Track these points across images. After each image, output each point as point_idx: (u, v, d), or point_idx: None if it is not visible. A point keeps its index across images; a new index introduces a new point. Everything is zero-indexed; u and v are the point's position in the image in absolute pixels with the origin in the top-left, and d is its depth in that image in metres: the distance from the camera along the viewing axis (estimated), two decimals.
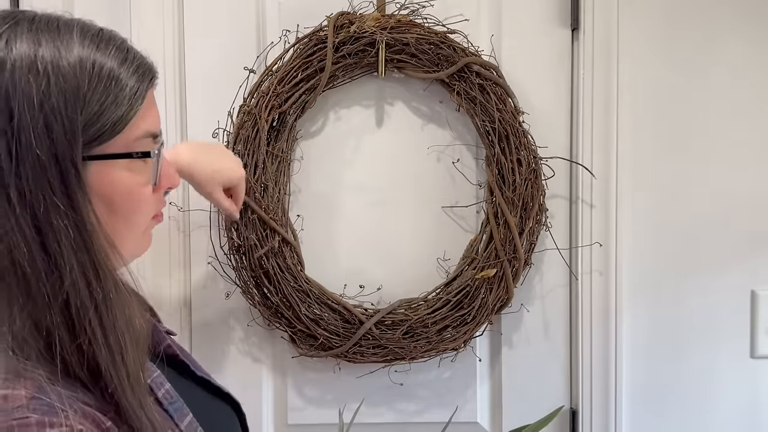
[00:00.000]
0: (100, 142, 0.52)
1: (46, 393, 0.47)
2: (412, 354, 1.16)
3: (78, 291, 0.50)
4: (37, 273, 0.48)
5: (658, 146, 1.20)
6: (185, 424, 0.61)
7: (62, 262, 0.49)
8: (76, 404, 0.48)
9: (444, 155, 1.22)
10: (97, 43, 0.53)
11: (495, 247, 1.15)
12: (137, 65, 0.55)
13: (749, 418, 1.22)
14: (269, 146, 1.14)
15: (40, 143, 0.48)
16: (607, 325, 1.20)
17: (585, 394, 1.21)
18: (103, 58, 0.52)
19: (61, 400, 0.47)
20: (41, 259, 0.49)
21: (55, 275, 0.49)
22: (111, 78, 0.52)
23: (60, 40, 0.51)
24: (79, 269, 0.50)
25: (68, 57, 0.50)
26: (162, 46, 1.18)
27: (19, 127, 0.47)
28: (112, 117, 0.52)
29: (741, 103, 1.19)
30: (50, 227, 0.49)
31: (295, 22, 1.16)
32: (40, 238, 0.48)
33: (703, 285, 1.21)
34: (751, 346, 1.21)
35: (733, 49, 1.18)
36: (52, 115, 0.48)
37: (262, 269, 1.13)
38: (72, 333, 0.50)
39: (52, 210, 0.49)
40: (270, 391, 1.24)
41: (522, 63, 1.19)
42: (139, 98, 0.55)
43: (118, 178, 0.54)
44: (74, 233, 0.49)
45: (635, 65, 1.18)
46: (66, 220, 0.49)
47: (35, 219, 0.48)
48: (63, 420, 0.45)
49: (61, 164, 0.49)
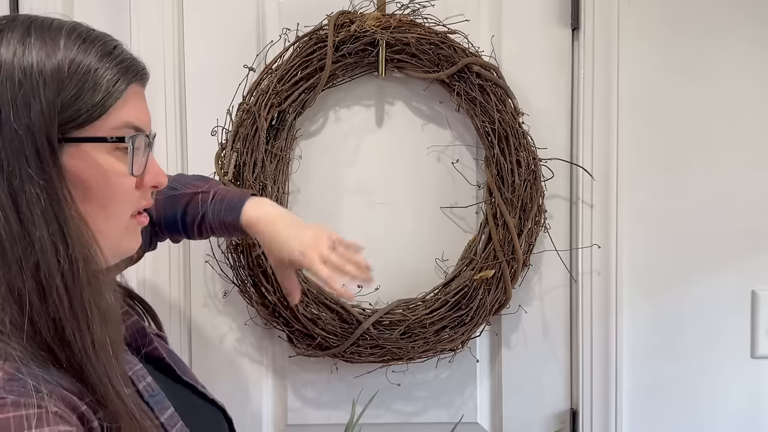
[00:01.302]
0: (76, 125, 0.55)
1: (23, 374, 0.48)
2: (409, 354, 1.15)
3: (47, 257, 0.52)
4: (11, 238, 0.52)
5: (658, 147, 1.19)
6: (165, 417, 0.62)
7: (34, 228, 0.52)
8: (52, 387, 0.49)
9: (444, 155, 1.22)
10: (84, 39, 0.57)
11: (494, 248, 1.15)
12: (121, 59, 0.58)
13: (750, 419, 1.22)
14: (268, 145, 1.14)
15: (18, 119, 0.52)
16: (607, 326, 1.19)
17: (585, 394, 1.21)
18: (86, 51, 0.56)
19: (37, 383, 0.48)
20: (15, 223, 0.52)
21: (27, 240, 0.52)
22: (91, 67, 0.56)
23: (49, 35, 0.55)
24: (48, 237, 0.53)
25: (54, 49, 0.54)
26: (162, 44, 1.18)
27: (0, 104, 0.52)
28: (89, 102, 0.55)
29: (741, 103, 1.19)
30: (23, 195, 0.52)
31: (295, 20, 1.16)
32: (14, 205, 0.52)
33: (703, 285, 1.20)
34: (752, 346, 1.21)
35: (733, 49, 1.18)
36: (31, 94, 0.52)
37: (260, 268, 1.12)
38: (42, 297, 0.52)
39: (26, 180, 0.52)
40: (269, 391, 1.24)
41: (522, 63, 1.19)
42: (118, 88, 0.57)
43: (95, 163, 0.56)
44: (45, 203, 0.53)
45: (635, 65, 1.18)
46: (38, 189, 0.53)
47: (11, 187, 0.52)
48: (38, 401, 0.46)
49: (36, 139, 0.52)
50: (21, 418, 0.45)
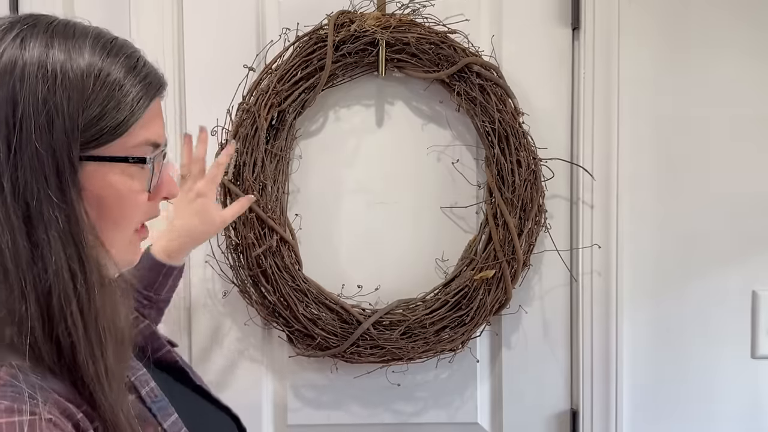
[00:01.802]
0: (98, 144, 0.53)
1: (18, 381, 0.47)
2: (409, 354, 1.15)
3: (62, 282, 0.50)
4: (18, 262, 0.49)
5: (659, 146, 1.19)
6: (168, 424, 0.61)
7: (48, 253, 0.50)
8: (47, 394, 0.48)
9: (444, 155, 1.21)
10: (108, 50, 0.55)
11: (494, 248, 1.14)
12: (145, 74, 0.57)
13: (750, 419, 1.22)
14: (268, 144, 1.14)
15: (40, 137, 0.50)
16: (608, 326, 1.19)
17: (585, 394, 1.20)
18: (111, 65, 0.54)
19: (33, 389, 0.47)
20: (24, 248, 0.50)
21: (39, 266, 0.50)
22: (116, 84, 0.54)
23: (72, 44, 0.53)
24: (66, 261, 0.51)
25: (78, 61, 0.52)
26: (161, 44, 1.17)
27: (21, 120, 0.49)
28: (112, 121, 0.54)
29: (741, 103, 1.19)
30: (41, 218, 0.50)
31: (295, 20, 1.16)
32: (27, 228, 0.50)
33: (703, 285, 1.20)
34: (752, 346, 1.21)
35: (733, 49, 1.18)
36: (55, 111, 0.50)
37: (260, 268, 1.12)
38: (48, 324, 0.50)
39: (44, 201, 0.50)
40: (269, 391, 1.24)
41: (522, 63, 1.19)
42: (141, 106, 0.56)
43: (113, 182, 0.55)
44: (64, 225, 0.51)
45: (635, 65, 1.18)
46: (57, 212, 0.50)
47: (26, 209, 0.50)
48: (32, 408, 0.46)
49: (58, 159, 0.50)
50: (14, 424, 0.45)
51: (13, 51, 0.51)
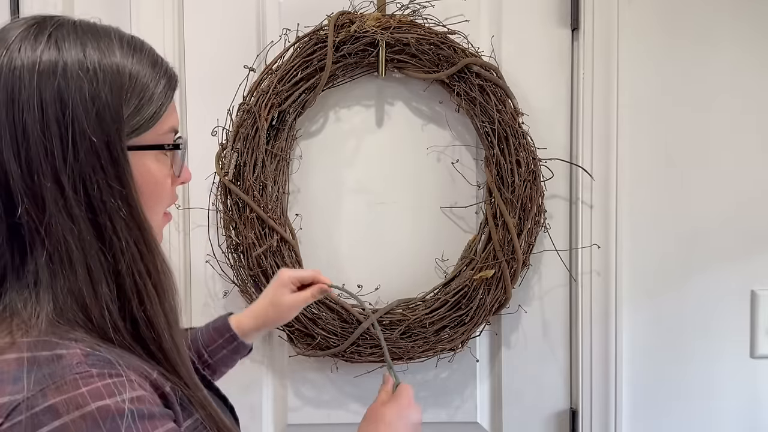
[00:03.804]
0: (137, 134, 0.58)
1: (99, 351, 0.52)
2: (409, 354, 1.15)
3: (135, 263, 0.55)
4: (85, 249, 0.53)
5: (658, 147, 1.20)
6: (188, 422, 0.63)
7: (116, 238, 0.54)
8: (125, 360, 0.53)
9: (443, 155, 1.22)
10: (132, 48, 0.58)
11: (493, 248, 1.15)
12: (165, 68, 0.61)
13: (749, 418, 1.22)
14: (268, 145, 1.14)
15: (94, 131, 0.53)
16: (607, 326, 1.20)
17: (585, 394, 1.21)
18: (139, 61, 0.58)
19: (112, 357, 0.52)
20: (90, 235, 0.53)
21: (106, 250, 0.54)
22: (147, 78, 0.58)
23: (103, 43, 0.56)
24: (134, 244, 0.55)
25: (112, 58, 0.56)
26: (162, 44, 1.18)
27: (72, 118, 0.52)
28: (148, 112, 0.58)
29: (740, 104, 1.19)
30: (104, 206, 0.54)
31: (295, 20, 1.16)
32: (90, 216, 0.53)
33: (702, 285, 1.21)
34: (751, 346, 1.21)
35: (732, 49, 1.18)
36: (103, 107, 0.54)
37: (261, 268, 1.13)
38: (123, 304, 0.55)
39: (105, 191, 0.54)
40: (269, 391, 1.24)
41: (522, 64, 1.19)
42: (168, 97, 0.60)
43: (151, 169, 0.59)
44: (126, 212, 0.55)
45: (635, 65, 1.18)
46: (120, 200, 0.54)
47: (88, 199, 0.53)
48: (120, 371, 0.51)
49: (111, 150, 0.54)
50: (109, 385, 0.49)
51: (51, 53, 0.53)
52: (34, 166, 0.52)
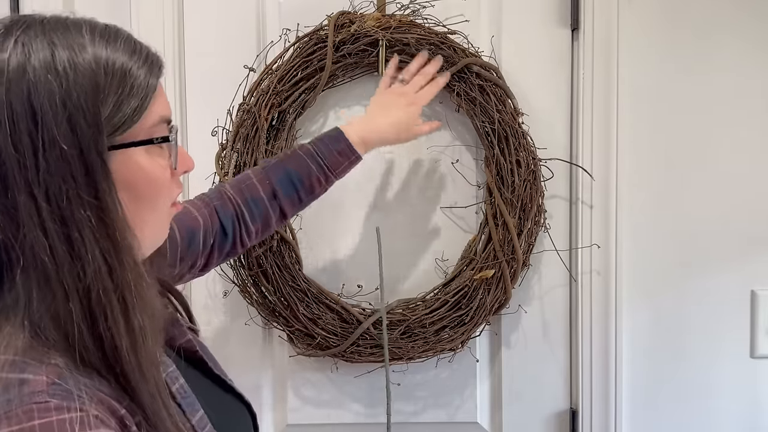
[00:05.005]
0: (122, 131, 0.54)
1: (65, 380, 0.48)
2: (409, 354, 1.15)
3: (101, 279, 0.51)
4: (58, 264, 0.50)
5: (658, 147, 1.20)
6: (196, 419, 0.62)
7: (84, 251, 0.50)
8: (92, 392, 0.49)
9: (443, 155, 1.22)
10: (107, 38, 0.54)
11: (493, 248, 1.15)
12: (146, 55, 0.57)
13: (749, 418, 1.22)
14: (268, 145, 1.14)
15: (65, 138, 0.49)
16: (607, 326, 1.20)
17: (585, 394, 1.21)
18: (114, 52, 0.54)
19: (78, 388, 0.49)
20: (63, 251, 0.50)
21: (78, 265, 0.50)
22: (124, 70, 0.54)
23: (72, 39, 0.52)
24: (101, 257, 0.51)
25: (83, 55, 0.52)
26: (162, 45, 1.18)
27: (43, 125, 0.49)
28: (130, 107, 0.54)
29: (741, 103, 1.19)
30: (73, 218, 0.50)
31: (295, 20, 1.16)
32: (63, 230, 0.50)
33: (702, 285, 1.21)
34: (751, 346, 1.21)
35: (733, 49, 1.18)
36: (75, 110, 0.50)
37: (260, 268, 1.13)
38: (92, 322, 0.51)
39: (74, 201, 0.50)
40: (269, 391, 1.24)
41: (522, 64, 1.19)
42: (152, 87, 0.56)
43: (142, 165, 0.56)
44: (97, 222, 0.51)
45: (635, 65, 1.18)
46: (89, 211, 0.51)
47: (60, 212, 0.50)
48: (80, 405, 0.47)
49: (86, 157, 0.50)
50: (64, 421, 0.46)
51: (18, 58, 0.50)
52: (9, 182, 0.49)
